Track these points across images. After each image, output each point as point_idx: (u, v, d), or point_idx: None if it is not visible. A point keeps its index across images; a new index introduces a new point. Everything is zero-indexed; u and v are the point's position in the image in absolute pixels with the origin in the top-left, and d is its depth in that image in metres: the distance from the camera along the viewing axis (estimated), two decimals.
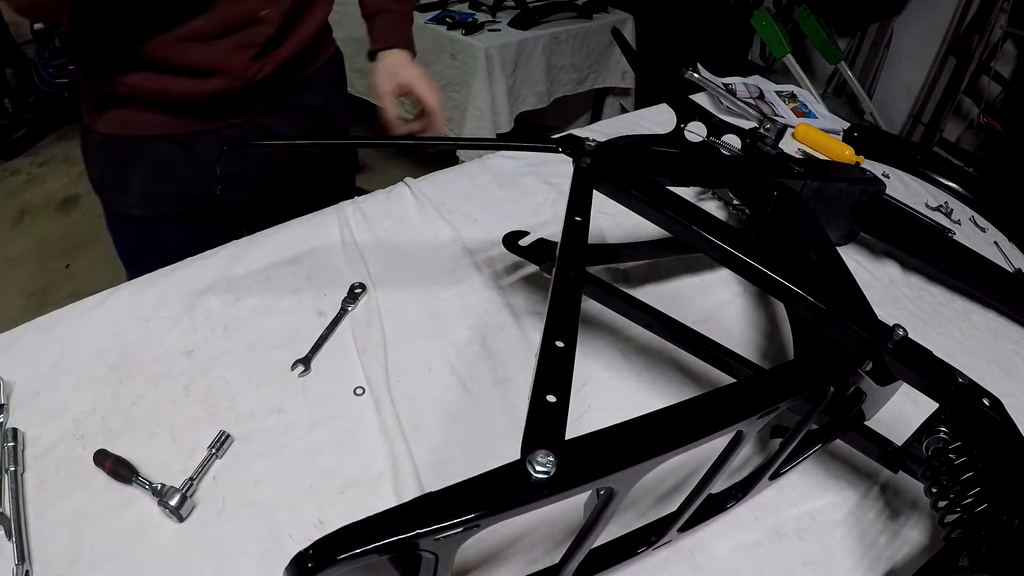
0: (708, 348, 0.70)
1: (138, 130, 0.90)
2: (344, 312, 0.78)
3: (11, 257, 2.37)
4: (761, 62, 3.48)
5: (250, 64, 0.87)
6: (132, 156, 0.92)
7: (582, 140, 0.69)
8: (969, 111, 2.86)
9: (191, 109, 0.89)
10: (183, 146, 0.92)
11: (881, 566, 0.58)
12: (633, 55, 1.28)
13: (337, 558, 0.32)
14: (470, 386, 0.71)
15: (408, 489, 0.60)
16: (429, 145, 0.91)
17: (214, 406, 0.67)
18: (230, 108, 0.91)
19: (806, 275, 0.61)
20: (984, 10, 2.68)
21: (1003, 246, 1.09)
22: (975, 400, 0.53)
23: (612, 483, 0.40)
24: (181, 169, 0.93)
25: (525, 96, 2.55)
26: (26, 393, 0.67)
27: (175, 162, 0.93)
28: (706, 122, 1.07)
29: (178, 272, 0.83)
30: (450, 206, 0.99)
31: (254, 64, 0.88)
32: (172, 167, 0.93)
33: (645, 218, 0.66)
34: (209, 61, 0.84)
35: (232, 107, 0.91)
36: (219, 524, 0.57)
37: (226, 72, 0.86)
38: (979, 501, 0.48)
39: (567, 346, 0.45)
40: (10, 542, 0.54)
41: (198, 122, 0.91)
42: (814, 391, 0.51)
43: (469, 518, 0.34)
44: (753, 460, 0.66)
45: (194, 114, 0.90)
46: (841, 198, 0.91)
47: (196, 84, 0.85)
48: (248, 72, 0.88)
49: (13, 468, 0.59)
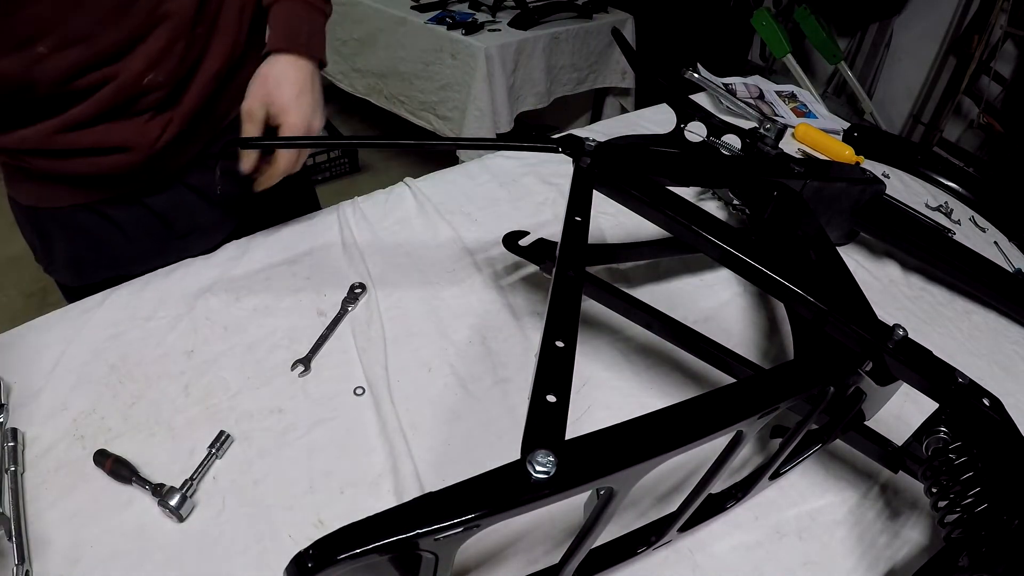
0: (708, 348, 0.70)
1: (52, 201, 0.83)
2: (344, 312, 0.78)
3: (11, 257, 2.37)
4: (761, 62, 3.48)
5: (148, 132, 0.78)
6: (51, 226, 0.85)
7: (582, 140, 0.69)
8: (969, 111, 2.86)
9: (103, 182, 0.82)
10: (103, 215, 0.85)
11: (881, 566, 0.58)
12: (633, 55, 1.27)
13: (337, 558, 0.32)
14: (470, 386, 0.71)
15: (408, 489, 0.60)
16: (429, 145, 0.89)
17: (214, 406, 0.67)
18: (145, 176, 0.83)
19: (806, 275, 0.61)
20: (984, 10, 2.68)
21: (1003, 246, 1.09)
22: (975, 400, 0.53)
23: (612, 483, 0.40)
24: (105, 235, 0.86)
25: (525, 96, 2.55)
26: (26, 393, 0.67)
27: (96, 229, 0.85)
28: (706, 122, 1.07)
29: (178, 272, 0.83)
30: (450, 206, 0.99)
31: (152, 131, 0.78)
32: (93, 234, 0.86)
33: (645, 218, 0.66)
34: (102, 140, 0.76)
35: (148, 174, 0.83)
36: (219, 524, 0.57)
37: (124, 146, 0.78)
38: (979, 501, 0.48)
39: (567, 346, 0.45)
40: (10, 542, 0.53)
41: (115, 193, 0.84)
42: (814, 391, 0.51)
43: (469, 518, 0.34)
44: (753, 460, 0.66)
45: (108, 186, 0.83)
46: (841, 198, 0.91)
47: (97, 162, 0.78)
48: (147, 140, 0.78)
49: (13, 468, 0.59)
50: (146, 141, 0.79)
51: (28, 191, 0.84)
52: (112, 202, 0.85)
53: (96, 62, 0.72)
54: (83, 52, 0.70)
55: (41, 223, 0.85)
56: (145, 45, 0.74)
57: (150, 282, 0.81)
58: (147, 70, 0.75)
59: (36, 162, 0.77)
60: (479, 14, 2.57)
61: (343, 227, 0.93)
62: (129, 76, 0.74)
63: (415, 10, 2.54)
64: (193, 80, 0.80)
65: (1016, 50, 2.68)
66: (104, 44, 0.71)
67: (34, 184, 0.82)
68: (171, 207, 0.88)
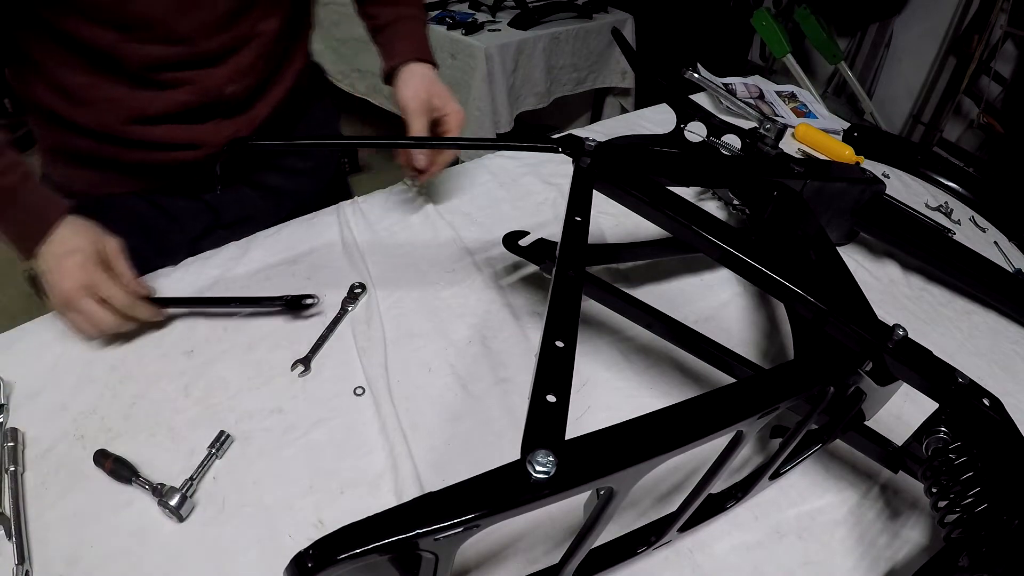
0: (708, 348, 0.70)
1: (109, 188, 0.84)
2: (344, 312, 0.78)
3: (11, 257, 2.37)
4: (761, 62, 3.48)
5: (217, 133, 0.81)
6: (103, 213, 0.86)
7: (582, 140, 0.69)
8: (969, 111, 2.86)
9: (166, 174, 0.84)
10: (157, 205, 0.87)
11: (881, 566, 0.58)
12: (633, 55, 1.28)
13: (337, 558, 0.32)
14: (470, 386, 0.71)
15: (408, 489, 0.60)
16: (429, 145, 0.89)
17: (214, 406, 0.67)
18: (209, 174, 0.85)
19: (806, 275, 0.61)
20: (984, 10, 2.68)
21: (1003, 246, 1.09)
22: (975, 400, 0.53)
23: (612, 483, 0.40)
24: (158, 224, 0.87)
25: (525, 96, 2.55)
26: (26, 393, 0.67)
27: (149, 218, 0.87)
28: (706, 122, 1.07)
29: (178, 272, 0.83)
30: (450, 206, 0.99)
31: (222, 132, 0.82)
32: (146, 222, 0.87)
33: (645, 218, 0.66)
34: (172, 136, 0.80)
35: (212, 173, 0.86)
36: (219, 524, 0.57)
37: (193, 143, 0.81)
38: (979, 501, 0.48)
39: (567, 346, 0.45)
40: (10, 542, 0.54)
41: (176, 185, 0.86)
42: (814, 391, 0.51)
43: (469, 518, 0.34)
44: (753, 460, 0.66)
45: (170, 178, 0.85)
46: (841, 198, 0.91)
47: (163, 156, 0.80)
48: (217, 141, 0.82)
49: (13, 468, 0.59)
50: (215, 142, 0.82)
51: (83, 177, 0.84)
52: (168, 192, 0.87)
53: (186, 63, 0.75)
54: (178, 51, 0.74)
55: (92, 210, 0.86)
56: (234, 58, 0.79)
57: (150, 282, 0.81)
58: (230, 82, 0.79)
59: (104, 148, 0.79)
60: (479, 14, 2.57)
61: (343, 227, 0.93)
62: (212, 83, 0.78)
63: None
64: (266, 94, 0.86)
65: (1016, 50, 2.68)
66: (199, 50, 0.75)
67: (92, 171, 0.83)
68: (228, 199, 0.91)
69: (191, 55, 0.75)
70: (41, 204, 0.70)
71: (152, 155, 0.80)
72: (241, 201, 0.93)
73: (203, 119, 0.80)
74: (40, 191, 0.71)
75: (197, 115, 0.79)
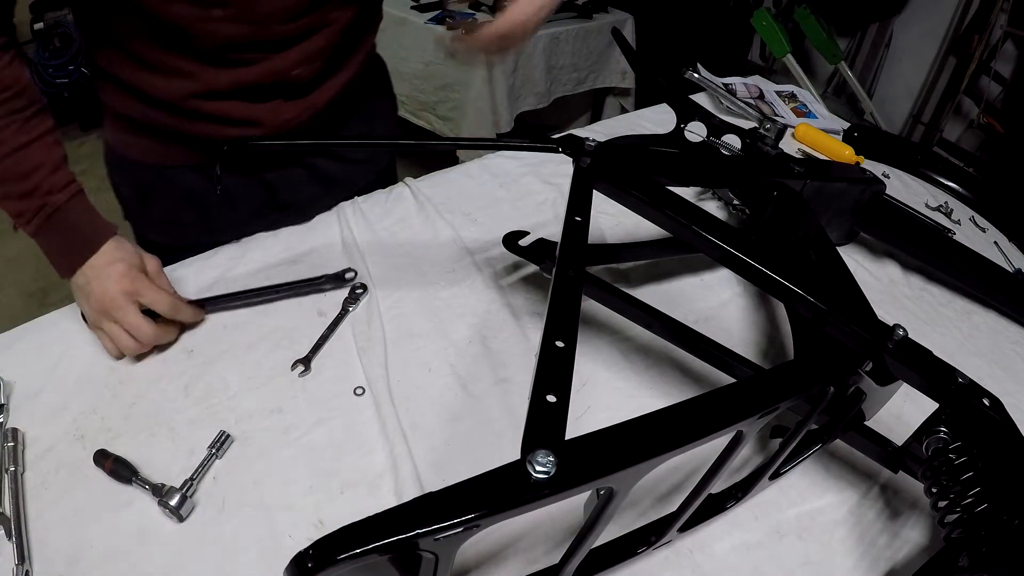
0: (708, 348, 0.70)
1: (161, 159, 0.86)
2: (344, 312, 0.78)
3: (11, 257, 2.37)
4: (761, 62, 3.48)
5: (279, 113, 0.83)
6: (153, 183, 0.88)
7: (582, 140, 0.69)
8: (969, 111, 2.86)
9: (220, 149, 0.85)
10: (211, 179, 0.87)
11: (881, 566, 0.58)
12: (633, 55, 1.27)
13: (337, 558, 0.32)
14: (470, 386, 0.71)
15: (408, 489, 0.60)
16: (430, 145, 0.89)
17: (214, 406, 0.67)
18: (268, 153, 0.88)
19: (806, 275, 0.61)
20: (984, 10, 2.68)
21: (1003, 246, 1.09)
22: (975, 400, 0.53)
23: (612, 483, 0.40)
24: (210, 199, 0.88)
25: (525, 96, 2.55)
26: (26, 393, 0.67)
27: (202, 192, 0.88)
28: (706, 122, 1.07)
29: (178, 272, 0.83)
30: (450, 206, 0.99)
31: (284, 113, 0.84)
32: (198, 196, 0.88)
33: (645, 218, 0.66)
34: (235, 112, 0.81)
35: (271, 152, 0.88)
36: (219, 524, 0.57)
37: (257, 122, 0.82)
38: (979, 501, 0.48)
39: (567, 346, 0.45)
40: (10, 542, 0.54)
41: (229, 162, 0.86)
42: (814, 391, 0.51)
43: (469, 518, 0.34)
44: (753, 460, 0.66)
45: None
46: (841, 198, 0.91)
47: (223, 130, 0.82)
48: (278, 120, 0.83)
49: (13, 468, 0.59)
50: (273, 123, 0.83)
51: (138, 145, 0.85)
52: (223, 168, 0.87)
53: (256, 44, 0.76)
54: (252, 31, 0.75)
55: (144, 179, 0.87)
56: (304, 44, 0.80)
57: None
58: (297, 66, 0.80)
59: (167, 118, 0.80)
60: (479, 14, 2.57)
61: (343, 227, 0.93)
62: (281, 65, 0.79)
63: (415, 10, 2.54)
64: (329, 81, 0.86)
65: (1016, 50, 2.68)
66: (271, 33, 0.76)
67: (152, 140, 0.84)
68: (281, 181, 0.92)
69: (263, 37, 0.76)
70: (90, 224, 0.71)
71: (212, 128, 0.81)
72: (294, 185, 0.94)
73: (265, 98, 0.82)
74: (91, 212, 0.72)
75: (260, 94, 0.81)
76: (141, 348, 0.70)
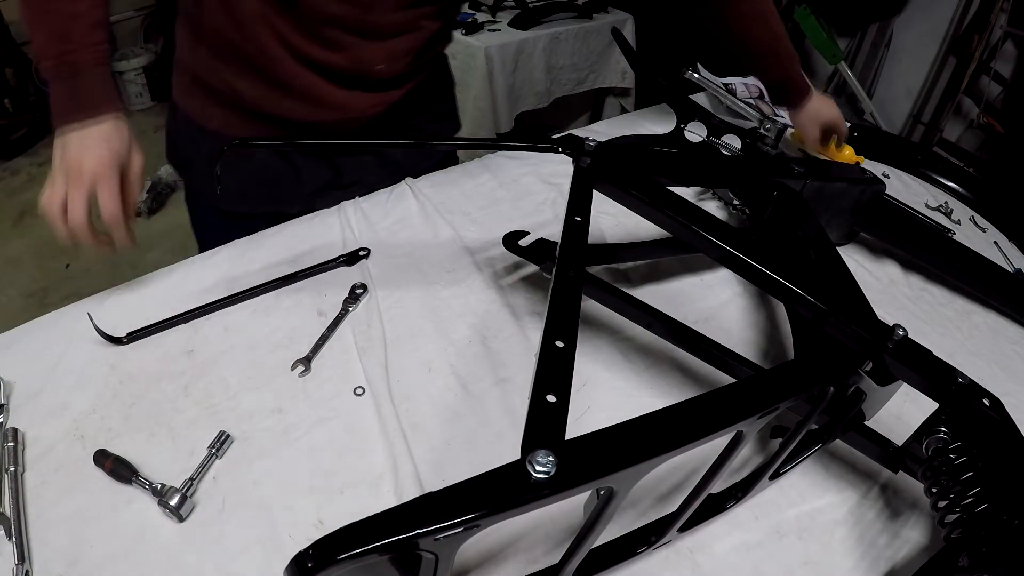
0: (708, 348, 0.70)
1: (239, 131, 0.88)
2: (344, 312, 0.78)
3: (11, 257, 2.37)
4: None
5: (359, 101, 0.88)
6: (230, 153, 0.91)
7: (582, 140, 0.69)
8: (969, 111, 2.86)
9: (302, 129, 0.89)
10: (284, 155, 0.92)
11: (881, 566, 0.58)
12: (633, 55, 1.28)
13: (337, 558, 0.32)
14: (470, 386, 0.71)
15: (408, 489, 0.60)
16: (429, 145, 0.90)
17: (214, 406, 0.67)
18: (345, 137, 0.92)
19: (806, 275, 0.61)
20: (984, 10, 2.67)
21: (1003, 246, 1.09)
22: (975, 400, 0.53)
23: (612, 483, 0.40)
24: (280, 173, 0.93)
25: (525, 96, 2.55)
26: (26, 393, 0.67)
27: (274, 166, 0.92)
28: (706, 122, 1.07)
29: (178, 272, 0.83)
30: (450, 206, 0.99)
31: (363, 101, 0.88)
32: (269, 169, 0.92)
33: (645, 218, 0.66)
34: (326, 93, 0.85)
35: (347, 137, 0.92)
36: (219, 524, 0.57)
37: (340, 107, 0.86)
38: (979, 501, 0.48)
39: (567, 346, 0.45)
40: (10, 542, 0.54)
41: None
42: (814, 391, 0.51)
43: (469, 518, 0.34)
44: (753, 460, 0.66)
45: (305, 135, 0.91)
46: (841, 198, 0.91)
47: (310, 111, 0.86)
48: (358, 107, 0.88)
49: (13, 468, 0.59)
50: (357, 108, 0.88)
51: (223, 116, 0.89)
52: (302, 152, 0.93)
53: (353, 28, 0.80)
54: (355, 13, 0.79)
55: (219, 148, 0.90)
56: (393, 41, 0.84)
57: (150, 282, 0.82)
58: (382, 62, 0.85)
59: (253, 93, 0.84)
60: (479, 14, 2.57)
61: (344, 227, 0.93)
62: (366, 57, 0.83)
63: None
64: (405, 81, 0.92)
65: (1016, 50, 2.68)
66: (372, 22, 0.81)
67: (233, 112, 0.87)
68: (350, 164, 0.97)
69: (363, 23, 0.80)
70: (102, 91, 0.72)
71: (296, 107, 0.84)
72: (362, 166, 0.99)
73: (347, 85, 0.85)
74: (106, 80, 0.73)
75: (343, 80, 0.85)
76: (60, 223, 0.70)
